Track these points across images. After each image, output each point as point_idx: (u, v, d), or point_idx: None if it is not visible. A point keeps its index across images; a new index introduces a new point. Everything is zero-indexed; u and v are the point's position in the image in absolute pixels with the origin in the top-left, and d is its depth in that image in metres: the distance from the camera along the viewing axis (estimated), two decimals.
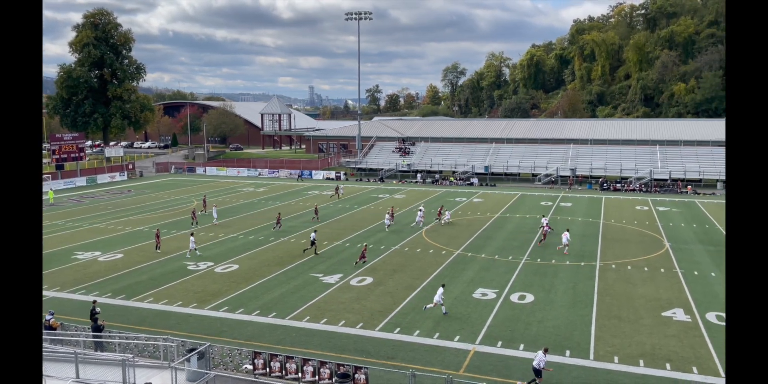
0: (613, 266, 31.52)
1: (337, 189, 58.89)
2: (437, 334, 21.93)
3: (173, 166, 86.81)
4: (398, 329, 22.48)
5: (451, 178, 72.02)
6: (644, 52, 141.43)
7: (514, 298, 26.17)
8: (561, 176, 68.59)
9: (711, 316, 23.59)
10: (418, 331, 22.23)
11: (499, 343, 21.08)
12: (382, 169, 78.12)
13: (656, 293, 26.69)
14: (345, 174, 77.51)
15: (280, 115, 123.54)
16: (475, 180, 70.66)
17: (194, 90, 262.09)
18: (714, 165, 66.15)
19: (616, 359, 19.69)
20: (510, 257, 33.59)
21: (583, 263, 32.13)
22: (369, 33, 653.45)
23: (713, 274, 29.94)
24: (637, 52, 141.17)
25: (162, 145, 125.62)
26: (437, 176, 73.54)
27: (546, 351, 18.11)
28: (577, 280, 28.82)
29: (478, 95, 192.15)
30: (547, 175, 69.60)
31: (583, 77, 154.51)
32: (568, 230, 36.44)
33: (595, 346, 20.77)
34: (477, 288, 27.64)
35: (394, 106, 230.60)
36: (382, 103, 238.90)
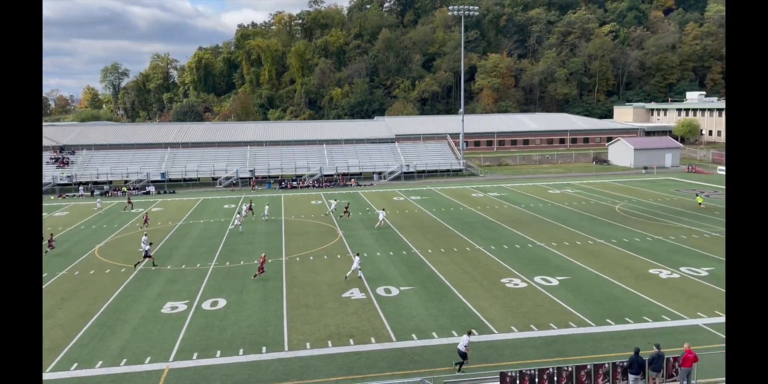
0: (298, 259, 33.61)
1: (250, 206, 49.36)
2: (124, 361, 19.97)
3: None
4: (75, 365, 19.67)
5: (124, 188, 66.04)
6: (305, 59, 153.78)
7: (206, 305, 25.61)
8: (241, 178, 69.73)
9: (380, 291, 27.26)
10: (100, 362, 19.85)
11: (195, 355, 20.38)
12: None
13: (336, 278, 29.51)
14: None
15: None
16: (151, 188, 66.33)
17: None
18: (370, 160, 76.27)
19: (308, 345, 21.11)
20: (198, 265, 32.69)
21: (270, 260, 33.37)
22: None
23: (378, 253, 34.61)
24: (299, 59, 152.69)
25: None
26: (106, 187, 66.51)
27: (470, 333, 19.77)
28: (267, 277, 29.81)
29: (146, 98, 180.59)
30: (227, 178, 69.86)
31: (253, 81, 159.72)
32: (384, 209, 44.63)
33: (289, 337, 21.87)
34: (165, 302, 26.10)
35: (44, 111, 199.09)
36: None
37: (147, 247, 32.41)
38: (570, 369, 17.37)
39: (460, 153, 78.73)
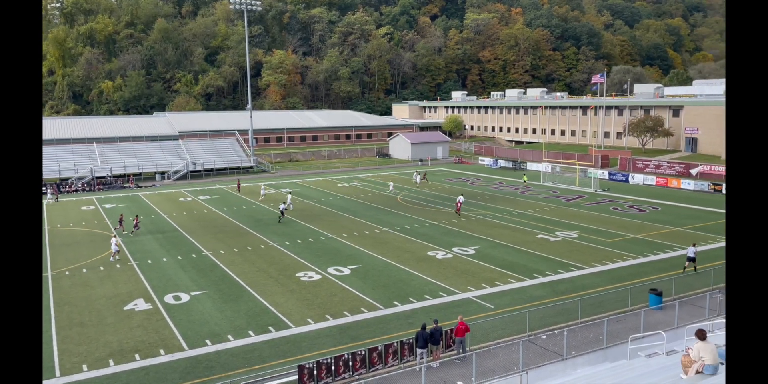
0: (68, 272, 29.79)
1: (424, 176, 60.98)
2: None
3: None
4: None
5: None
6: (66, 47, 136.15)
7: None
8: None
9: (169, 298, 25.54)
10: None
11: None
12: None
13: (116, 290, 26.86)
14: None
15: None
16: None
17: None
18: (151, 159, 70.75)
19: (85, 367, 18.90)
20: None
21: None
22: None
23: (165, 259, 32.36)
24: (59, 47, 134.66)
25: None
26: None
27: (695, 245, 28.19)
28: None
29: None
30: None
31: None
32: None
33: (60, 362, 19.32)
34: None
35: None
36: None
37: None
38: (363, 352, 18.35)
39: (250, 150, 77.38)
